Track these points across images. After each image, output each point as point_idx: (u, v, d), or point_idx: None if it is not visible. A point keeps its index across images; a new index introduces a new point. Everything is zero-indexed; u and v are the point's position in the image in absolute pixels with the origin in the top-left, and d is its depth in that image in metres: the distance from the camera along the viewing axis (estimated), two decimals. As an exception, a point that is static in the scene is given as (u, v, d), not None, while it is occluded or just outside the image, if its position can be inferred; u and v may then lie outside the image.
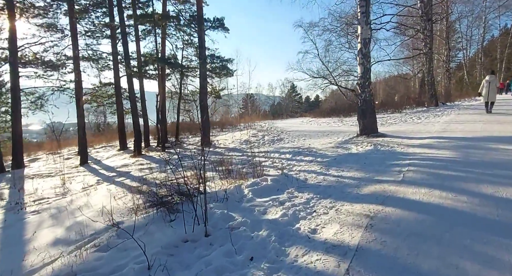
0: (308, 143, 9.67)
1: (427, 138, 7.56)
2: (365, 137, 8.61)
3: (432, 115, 12.27)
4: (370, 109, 8.75)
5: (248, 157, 8.23)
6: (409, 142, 7.24)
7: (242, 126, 17.06)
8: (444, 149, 5.93)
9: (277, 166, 6.43)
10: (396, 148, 6.64)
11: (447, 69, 26.04)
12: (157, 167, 8.61)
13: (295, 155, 7.59)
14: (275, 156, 7.85)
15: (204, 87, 11.26)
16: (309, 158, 6.90)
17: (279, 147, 9.58)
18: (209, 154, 9.79)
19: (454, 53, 32.22)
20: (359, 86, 8.82)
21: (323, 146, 8.38)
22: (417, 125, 10.38)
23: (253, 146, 10.42)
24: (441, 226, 2.69)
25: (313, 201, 3.82)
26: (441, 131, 8.39)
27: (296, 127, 15.33)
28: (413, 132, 8.86)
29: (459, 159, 5.05)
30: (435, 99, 15.51)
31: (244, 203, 3.88)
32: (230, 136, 12.63)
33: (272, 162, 7.03)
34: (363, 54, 8.58)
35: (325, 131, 11.80)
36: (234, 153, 9.49)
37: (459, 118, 10.60)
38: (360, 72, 8.74)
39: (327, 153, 7.25)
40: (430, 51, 15.55)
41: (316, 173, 5.30)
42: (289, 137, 11.37)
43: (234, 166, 6.92)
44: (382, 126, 11.23)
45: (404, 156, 5.74)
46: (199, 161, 3.23)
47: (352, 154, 6.61)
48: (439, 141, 6.99)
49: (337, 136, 10.01)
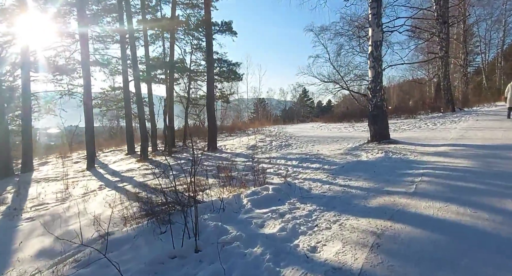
0: (316, 149, 9.35)
1: (442, 145, 7.13)
2: (376, 144, 8.23)
3: (448, 121, 11.73)
4: (381, 115, 8.37)
5: (253, 163, 7.98)
6: (423, 149, 6.83)
7: (251, 131, 16.83)
8: (462, 158, 5.52)
9: (282, 174, 6.14)
10: (409, 155, 6.25)
11: (465, 74, 25.16)
12: (161, 172, 8.44)
13: (301, 161, 7.29)
14: (280, 162, 7.57)
15: (211, 91, 11.13)
16: (316, 165, 6.59)
17: (286, 152, 9.29)
18: (214, 159, 9.61)
19: (472, 57, 31.21)
20: (370, 91, 8.47)
21: (332, 153, 8.05)
22: (432, 131, 9.90)
23: (260, 151, 10.17)
24: (458, 248, 2.36)
25: (316, 213, 3.52)
26: (458, 138, 7.93)
27: (306, 132, 14.99)
28: (427, 139, 8.42)
29: (479, 169, 4.65)
30: (452, 104, 14.90)
31: (241, 214, 3.61)
32: (238, 141, 12.42)
33: (277, 169, 6.76)
34: (374, 57, 8.24)
35: (335, 137, 11.43)
36: (240, 158, 9.25)
37: (477, 125, 10.06)
38: (371, 76, 8.40)
39: (335, 160, 6.92)
40: (446, 55, 14.99)
41: (321, 182, 4.99)
42: (298, 143, 11.06)
43: (237, 172, 6.67)
44: (395, 133, 10.78)
45: (418, 164, 5.36)
46: (203, 167, 2.98)
47: (362, 162, 6.27)
48: (456, 148, 6.56)
49: (347, 143, 9.64)
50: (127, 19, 10.72)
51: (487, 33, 29.77)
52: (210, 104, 11.10)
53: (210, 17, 10.79)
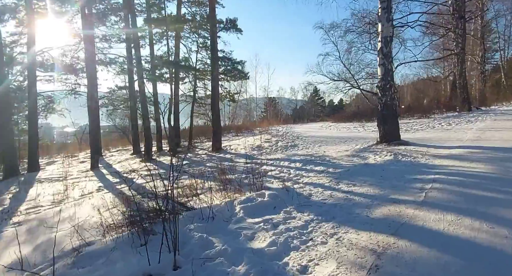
0: (323, 150, 8.98)
1: (457, 147, 6.67)
2: (386, 145, 7.80)
3: (464, 121, 11.14)
4: (391, 115, 7.93)
5: (256, 164, 7.69)
6: (435, 152, 6.39)
7: (259, 131, 16.53)
8: (478, 162, 5.08)
9: (283, 177, 5.83)
10: (420, 159, 5.83)
11: (482, 72, 24.16)
12: (162, 173, 8.26)
13: (306, 163, 6.95)
14: (284, 164, 7.25)
15: (216, 90, 10.88)
16: (320, 168, 6.24)
17: (292, 153, 8.96)
18: (217, 160, 9.36)
19: (490, 54, 29.98)
20: (380, 89, 8.04)
21: (338, 154, 7.68)
22: (447, 132, 9.38)
23: (265, 152, 9.87)
24: (474, 274, 2.01)
25: (312, 224, 3.21)
26: (474, 140, 7.43)
27: (314, 132, 14.59)
28: (441, 140, 7.94)
29: (497, 175, 4.22)
30: (468, 103, 14.21)
31: (231, 224, 3.33)
32: (243, 142, 12.14)
33: (279, 172, 6.45)
34: (384, 54, 7.81)
35: (343, 138, 11.01)
36: (243, 159, 8.95)
37: (495, 125, 9.48)
38: (380, 74, 7.97)
39: (341, 163, 6.56)
40: (462, 51, 14.31)
41: (323, 187, 4.66)
42: (304, 143, 10.70)
43: (237, 174, 6.39)
44: (407, 133, 10.28)
45: (429, 169, 4.96)
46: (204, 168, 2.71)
47: (369, 165, 5.89)
48: (472, 151, 6.10)
49: (355, 143, 9.24)
50: (131, 18, 10.60)
51: (507, 29, 28.48)
52: (215, 103, 10.86)
53: (214, 14, 10.54)
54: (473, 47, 25.67)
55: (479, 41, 24.22)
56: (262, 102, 51.31)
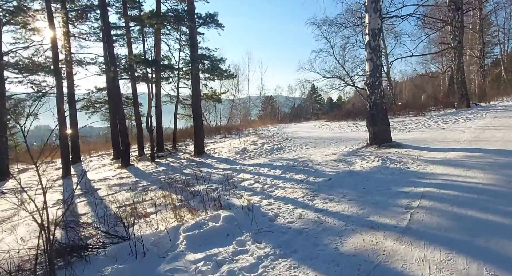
0: (309, 153, 8.31)
1: (453, 149, 5.98)
2: (376, 148, 7.12)
3: (462, 118, 10.44)
4: (381, 115, 7.24)
5: (234, 171, 7.01)
6: (428, 156, 5.71)
7: (249, 131, 15.85)
8: (476, 169, 4.39)
9: (256, 188, 5.16)
10: (410, 165, 5.15)
11: (481, 66, 23.43)
12: (133, 183, 7.57)
13: (286, 170, 6.26)
14: (263, 172, 6.56)
15: (197, 90, 10.16)
16: (300, 176, 5.56)
17: (275, 158, 8.28)
18: (196, 166, 8.68)
19: (489, 48, 29.21)
20: (368, 87, 7.34)
21: (324, 159, 7.00)
22: (443, 131, 8.69)
23: (248, 156, 9.19)
24: None
25: (266, 262, 2.52)
26: (473, 141, 6.74)
27: (305, 132, 13.91)
28: (436, 142, 7.25)
29: (498, 189, 3.53)
30: (466, 99, 13.49)
31: (163, 264, 2.63)
32: (229, 144, 11.46)
33: (255, 181, 5.76)
34: (372, 48, 7.10)
35: (334, 139, 10.32)
36: (223, 165, 8.29)
37: (495, 123, 8.78)
38: (368, 70, 7.27)
39: (324, 170, 5.88)
40: (460, 45, 13.56)
41: (295, 204, 3.98)
42: (292, 145, 10.01)
43: (209, 185, 5.71)
44: (400, 133, 9.60)
45: (419, 179, 4.27)
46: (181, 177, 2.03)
47: (353, 173, 5.21)
48: (469, 154, 5.41)
49: (345, 145, 8.55)
50: (104, 14, 9.88)
51: (506, 22, 27.72)
52: (196, 104, 10.14)
53: (193, 7, 9.79)
54: (472, 41, 24.93)
55: (478, 34, 23.48)
56: (260, 101, 50.67)
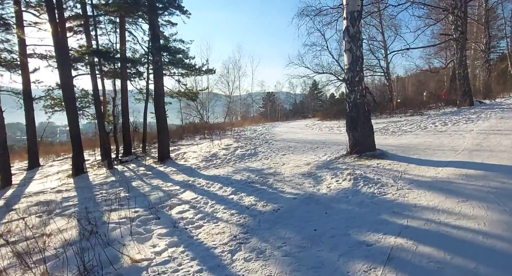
0: (282, 161, 7.08)
1: (448, 163, 4.71)
2: (355, 158, 5.85)
3: (463, 119, 9.10)
4: (362, 117, 5.96)
5: (182, 187, 5.78)
6: (416, 173, 4.44)
7: (233, 132, 14.61)
8: (475, 200, 3.13)
9: (183, 220, 3.93)
10: (389, 188, 3.89)
11: (486, 60, 21.89)
12: (62, 200, 6.31)
13: (239, 189, 5.03)
14: (212, 190, 5.32)
15: (159, 87, 8.89)
16: (249, 200, 4.34)
17: (242, 167, 7.05)
18: (149, 178, 7.47)
19: (496, 42, 27.51)
20: (347, 84, 6.05)
21: (293, 171, 5.77)
22: (440, 135, 7.39)
23: (214, 164, 7.97)
24: None
25: None
26: (474, 150, 5.45)
27: (292, 133, 12.66)
28: (430, 150, 5.97)
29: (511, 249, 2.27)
30: (469, 96, 12.11)
31: None
32: (200, 148, 10.23)
33: (190, 207, 4.51)
34: (351, 35, 5.80)
35: (317, 142, 9.07)
36: (180, 176, 7.09)
37: (502, 126, 7.46)
38: (347, 63, 5.97)
39: (283, 189, 4.65)
40: (462, 36, 12.14)
41: (206, 261, 2.75)
42: (268, 150, 8.77)
43: (133, 210, 4.50)
44: (392, 137, 8.30)
45: (394, 216, 3.03)
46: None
47: (313, 199, 3.96)
48: (468, 173, 4.13)
49: (324, 152, 7.31)
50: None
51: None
52: (159, 103, 8.87)
53: (152, -8, 8.52)
54: (477, 33, 23.37)
55: (484, 26, 21.92)
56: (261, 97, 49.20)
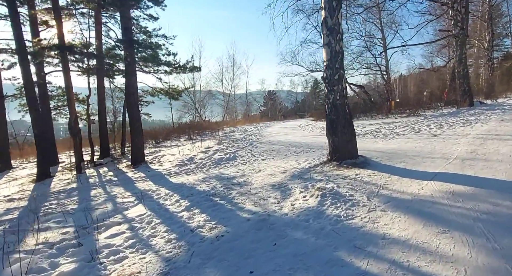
0: (259, 168, 6.48)
1: (435, 176, 4.04)
2: (334, 166, 5.21)
3: (461, 121, 8.41)
4: (343, 121, 5.29)
5: (137, 199, 5.14)
6: (396, 187, 3.79)
7: (224, 132, 13.99)
8: (460, 230, 2.48)
9: (103, 251, 3.30)
10: (359, 210, 3.24)
11: (489, 59, 21.03)
12: (11, 210, 5.73)
13: (195, 204, 4.40)
14: (166, 204, 4.69)
15: (131, 85, 8.25)
16: (198, 220, 3.75)
17: (214, 174, 6.44)
18: (111, 185, 6.84)
19: (500, 41, 26.57)
20: (325, 82, 5.38)
21: (265, 181, 5.15)
22: (433, 140, 6.72)
23: (188, 169, 7.36)
24: None
25: None
26: (467, 159, 4.78)
27: (281, 134, 12.03)
28: (419, 157, 5.30)
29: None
30: (469, 96, 11.38)
31: None
32: (179, 151, 9.61)
33: (128, 229, 3.90)
34: (329, 27, 5.13)
35: (303, 146, 8.44)
36: (146, 184, 6.47)
37: (501, 129, 6.76)
38: (325, 59, 5.31)
39: (243, 206, 4.03)
40: (463, 32, 11.40)
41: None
42: (248, 154, 8.15)
43: (51, 232, 3.88)
44: (382, 140, 7.64)
45: (354, 252, 2.39)
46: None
47: (267, 222, 3.34)
48: (456, 190, 3.46)
49: (306, 158, 6.69)
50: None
51: (518, 12, 25.08)
52: (131, 103, 8.25)
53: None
54: (481, 31, 22.51)
55: (487, 23, 21.06)
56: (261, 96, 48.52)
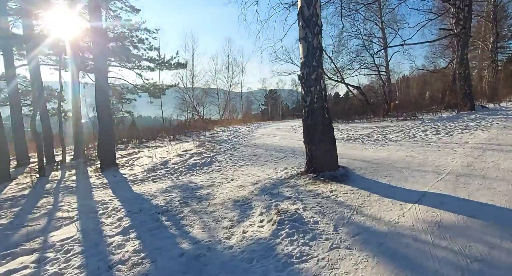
0: (232, 177, 5.88)
1: (422, 197, 3.37)
2: (310, 179, 4.54)
3: (459, 127, 7.71)
4: (321, 127, 4.63)
5: (82, 212, 4.49)
6: (373, 212, 3.12)
7: (208, 133, 13.36)
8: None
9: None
10: (319, 247, 2.58)
11: (493, 60, 20.24)
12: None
13: (139, 223, 3.77)
14: (108, 221, 4.04)
15: (101, 82, 7.59)
16: (127, 249, 3.23)
17: (181, 183, 5.81)
18: (66, 193, 6.20)
19: (504, 43, 25.72)
20: (301, 82, 4.70)
21: (230, 195, 4.54)
22: (427, 148, 6.03)
23: (157, 175, 6.72)
24: None
25: None
26: (461, 175, 4.09)
27: (270, 137, 11.36)
28: (407, 170, 4.62)
29: None
30: (470, 100, 10.66)
31: None
32: (154, 154, 8.97)
33: (35, 266, 3.26)
34: (305, 18, 4.45)
35: (288, 151, 7.79)
36: (104, 191, 5.82)
37: (503, 138, 6.06)
38: (302, 55, 4.63)
39: (187, 232, 3.44)
40: (464, 31, 10.67)
41: None
42: (226, 160, 7.51)
43: None
44: (373, 147, 6.95)
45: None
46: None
47: (203, 260, 2.71)
48: (444, 220, 2.79)
49: (286, 166, 6.06)
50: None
51: (523, 13, 24.19)
52: (101, 102, 7.59)
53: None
54: (485, 32, 21.72)
55: (491, 24, 20.27)
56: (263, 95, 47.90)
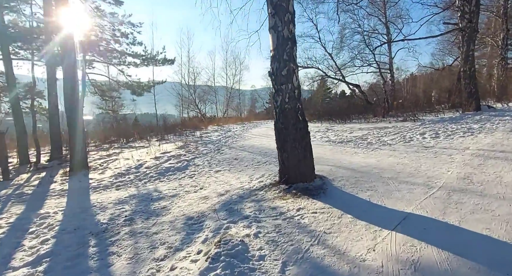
0: (202, 184, 5.35)
1: (403, 220, 2.72)
2: (281, 192, 3.91)
3: (461, 130, 6.98)
4: (293, 132, 3.96)
5: (6, 230, 3.92)
6: (337, 243, 2.48)
7: (198, 132, 12.80)
8: None
9: None
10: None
11: (503, 58, 19.24)
12: None
13: (54, 251, 3.22)
14: (23, 246, 3.46)
15: (70, 78, 7.00)
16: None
17: (145, 191, 5.25)
18: (16, 202, 5.64)
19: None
20: (271, 79, 4.04)
21: (188, 209, 3.98)
22: (422, 155, 5.33)
23: (121, 182, 6.14)
24: None
25: None
26: (456, 190, 3.41)
27: (260, 138, 10.75)
28: (394, 181, 3.94)
29: None
30: (476, 99, 9.84)
31: None
32: (132, 155, 8.40)
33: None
34: (274, 4, 3.78)
35: (271, 155, 7.14)
36: (59, 200, 5.26)
37: (509, 143, 5.32)
38: (271, 47, 3.96)
39: (108, 265, 2.84)
40: (470, 25, 9.86)
41: None
42: (204, 163, 6.92)
43: None
44: (363, 151, 6.26)
45: None
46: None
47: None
48: (422, 259, 2.13)
49: (263, 173, 5.46)
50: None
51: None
52: (71, 100, 7.03)
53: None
54: (495, 28, 20.72)
55: (501, 19, 19.27)
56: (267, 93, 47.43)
